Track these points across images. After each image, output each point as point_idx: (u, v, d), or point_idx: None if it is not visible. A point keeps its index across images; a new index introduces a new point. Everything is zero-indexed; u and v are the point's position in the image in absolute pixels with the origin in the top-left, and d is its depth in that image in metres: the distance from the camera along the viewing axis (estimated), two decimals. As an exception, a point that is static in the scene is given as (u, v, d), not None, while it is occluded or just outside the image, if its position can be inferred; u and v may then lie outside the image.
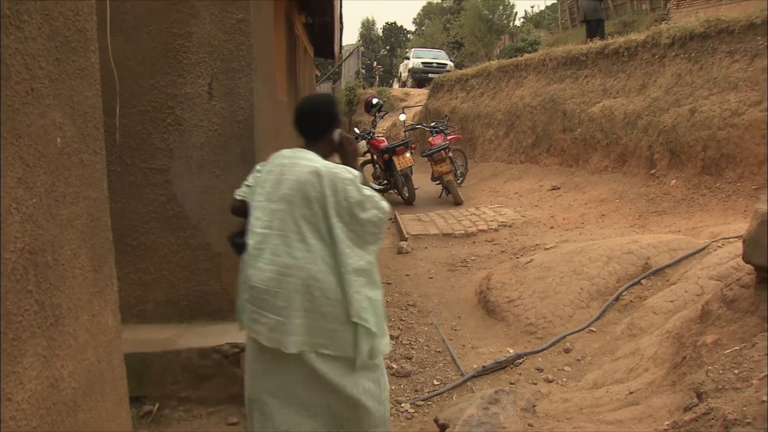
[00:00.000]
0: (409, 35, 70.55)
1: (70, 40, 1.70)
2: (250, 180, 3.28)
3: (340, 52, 19.53)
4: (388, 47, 71.56)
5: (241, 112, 3.98)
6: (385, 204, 3.17)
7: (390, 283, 6.95)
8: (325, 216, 3.04)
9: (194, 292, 4.11)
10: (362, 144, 11.96)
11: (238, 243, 3.23)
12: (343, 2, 9.96)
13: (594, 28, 15.40)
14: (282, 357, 3.02)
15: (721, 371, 3.09)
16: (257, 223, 3.12)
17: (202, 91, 3.95)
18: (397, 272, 7.39)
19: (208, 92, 3.96)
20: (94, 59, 1.87)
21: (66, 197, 1.66)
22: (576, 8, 23.38)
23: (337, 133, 3.30)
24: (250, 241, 3.11)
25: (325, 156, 3.22)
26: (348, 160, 3.33)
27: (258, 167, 3.31)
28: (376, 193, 3.18)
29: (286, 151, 3.26)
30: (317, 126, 3.28)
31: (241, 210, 3.29)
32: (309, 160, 3.13)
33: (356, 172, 3.15)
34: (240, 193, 3.28)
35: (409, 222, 9.38)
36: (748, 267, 3.77)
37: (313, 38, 11.38)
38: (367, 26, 73.09)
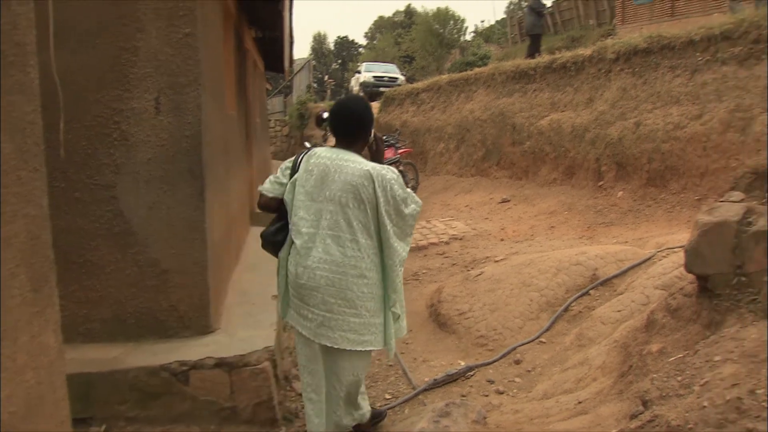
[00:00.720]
0: (360, 49, 70.89)
1: (7, 55, 1.67)
2: (281, 176, 3.52)
3: (291, 66, 19.47)
4: (339, 61, 71.77)
5: (189, 127, 3.95)
6: (418, 198, 3.49)
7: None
8: (376, 215, 3.31)
9: (142, 310, 4.04)
10: (313, 158, 11.94)
11: (276, 241, 3.50)
12: (294, 16, 9.95)
13: (534, 42, 15.79)
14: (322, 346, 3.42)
15: (665, 379, 3.15)
16: (303, 223, 3.36)
17: (149, 106, 3.90)
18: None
19: (155, 107, 3.91)
20: (33, 74, 1.84)
21: (3, 216, 1.63)
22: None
23: (373, 138, 3.54)
24: (297, 240, 3.36)
25: (359, 154, 3.43)
26: (378, 157, 3.58)
27: (287, 164, 3.55)
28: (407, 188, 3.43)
29: (322, 150, 3.46)
30: (359, 128, 3.45)
31: (270, 206, 3.57)
32: (355, 161, 3.33)
33: (396, 171, 3.39)
34: (269, 190, 3.53)
35: (362, 236, 9.38)
36: (691, 276, 3.86)
37: (263, 52, 11.33)
38: (319, 40, 73.21)
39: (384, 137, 12.41)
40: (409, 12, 61.57)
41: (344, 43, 73.37)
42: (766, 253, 3.39)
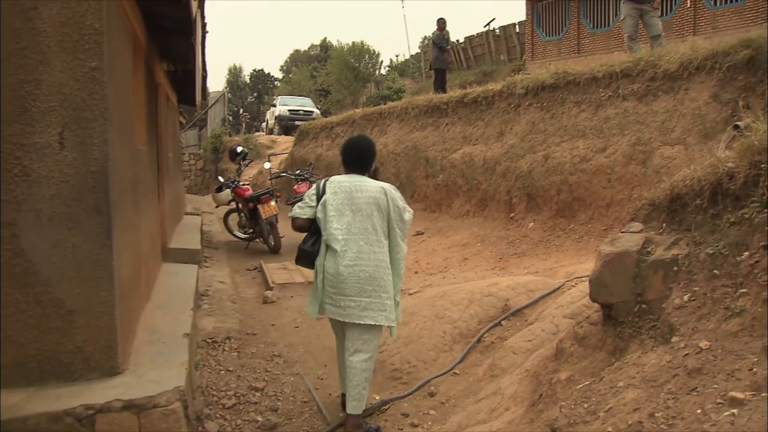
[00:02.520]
0: (276, 82, 70.72)
1: None
2: (309, 201, 4.70)
3: (205, 100, 19.27)
4: (255, 94, 71.43)
5: (95, 163, 3.85)
6: (410, 209, 4.79)
7: (255, 334, 6.85)
8: (388, 220, 4.58)
9: (45, 353, 3.88)
10: (226, 193, 11.84)
11: (313, 251, 4.71)
12: (208, 49, 9.88)
13: (439, 77, 16.11)
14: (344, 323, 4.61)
15: (572, 406, 3.22)
16: (337, 232, 4.52)
17: (53, 141, 3.79)
18: (263, 322, 7.29)
19: (59, 142, 3.81)
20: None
21: None
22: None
23: (375, 165, 4.78)
24: (335, 246, 4.50)
25: (368, 176, 4.71)
26: (376, 178, 4.78)
27: (312, 192, 4.73)
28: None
29: (341, 177, 4.70)
30: (368, 160, 4.73)
31: (305, 227, 4.80)
32: (371, 182, 4.65)
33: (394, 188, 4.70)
34: (303, 214, 4.72)
35: (275, 271, 9.30)
36: (596, 305, 3.97)
37: (176, 85, 11.20)
38: (234, 73, 72.69)
39: (298, 171, 12.43)
40: (325, 46, 61.97)
41: (260, 76, 73.10)
42: (664, 281, 3.53)
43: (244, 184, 12.18)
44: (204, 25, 9.06)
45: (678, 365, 3.06)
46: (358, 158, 4.70)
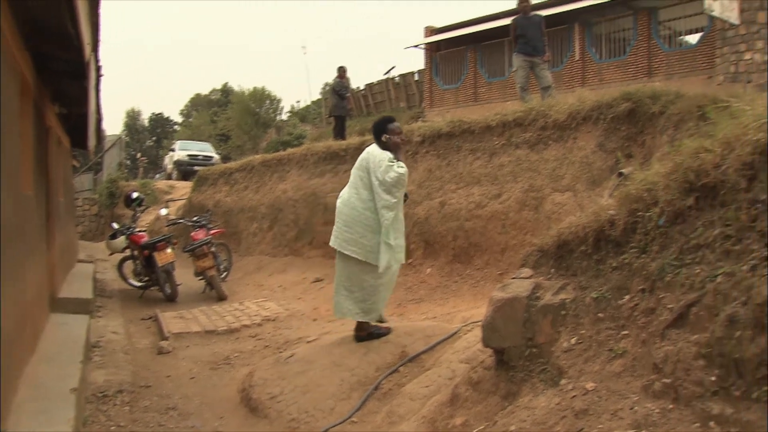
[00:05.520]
0: (176, 126, 69.60)
1: None
2: None
3: (100, 143, 18.79)
4: (154, 138, 70.05)
5: (-27, 211, 3.68)
6: (401, 169, 5.82)
7: (149, 386, 6.60)
8: (369, 176, 5.89)
9: None
10: (121, 239, 11.50)
11: None
12: (103, 91, 9.63)
13: (338, 123, 16.26)
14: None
15: (466, 453, 3.24)
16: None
17: (-73, 188, 3.61)
18: (157, 374, 7.05)
19: (-66, 189, 3.63)
20: None
21: None
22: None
23: (384, 137, 6.01)
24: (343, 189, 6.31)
25: (384, 149, 5.98)
26: (391, 150, 5.96)
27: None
28: (401, 163, 5.87)
29: (368, 146, 6.21)
30: (377, 134, 6.09)
31: None
32: (372, 148, 6.06)
33: (390, 155, 5.88)
34: None
35: (171, 320, 9.05)
36: (490, 350, 4.03)
37: (69, 129, 10.87)
38: (133, 116, 71.09)
39: (195, 218, 12.22)
40: (226, 90, 61.54)
41: (159, 120, 71.77)
42: (553, 325, 3.62)
43: (139, 231, 11.87)
44: (99, 68, 8.84)
45: (566, 407, 3.13)
46: (373, 133, 6.18)
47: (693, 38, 21.54)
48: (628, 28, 21.93)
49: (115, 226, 12.16)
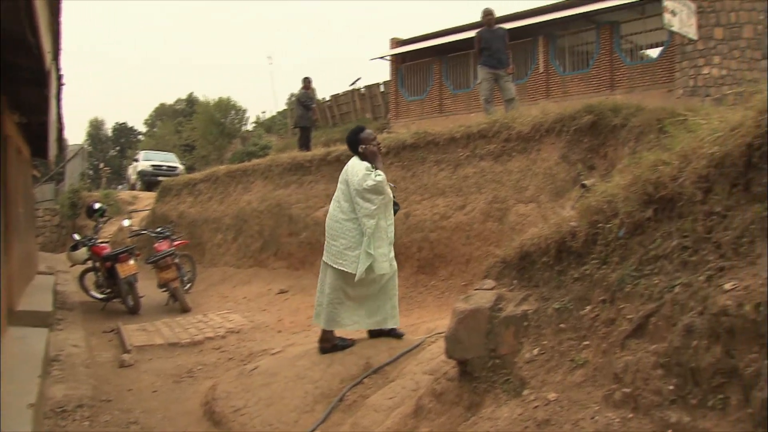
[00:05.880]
0: (140, 136, 68.88)
1: None
2: None
3: (62, 153, 18.54)
4: (118, 148, 69.25)
5: (-73, 222, 3.61)
6: (378, 177, 5.82)
7: (110, 401, 6.50)
8: (349, 188, 5.96)
9: None
10: (82, 251, 11.33)
11: None
12: (65, 100, 9.49)
13: (304, 135, 16.23)
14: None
15: (430, 464, 3.24)
16: None
17: None
18: (119, 387, 6.95)
19: None
20: None
21: None
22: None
23: (361, 148, 6.07)
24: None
25: (363, 159, 6.02)
26: (369, 160, 6.01)
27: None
28: (378, 172, 5.88)
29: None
30: (352, 147, 6.19)
31: None
32: (352, 161, 6.11)
33: (368, 165, 5.93)
34: None
35: (134, 332, 8.94)
36: (453, 361, 4.05)
37: (29, 138, 10.71)
38: (96, 126, 70.17)
39: (158, 229, 12.10)
40: (191, 100, 61.07)
41: (123, 130, 70.90)
42: (515, 336, 3.65)
43: (101, 242, 11.70)
44: (60, 77, 8.73)
45: (528, 417, 3.15)
46: (349, 147, 6.32)
47: (654, 52, 21.92)
48: (591, 41, 22.25)
49: (77, 237, 11.99)
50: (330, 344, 6.19)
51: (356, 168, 5.97)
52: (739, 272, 2.54)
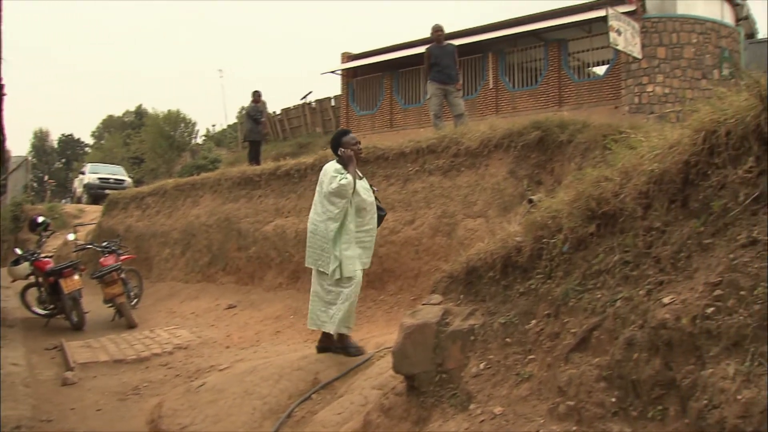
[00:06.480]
0: (87, 148, 67.80)
1: None
2: None
3: (4, 165, 18.12)
4: (63, 160, 68.03)
5: None
6: (343, 180, 5.85)
7: (51, 421, 6.33)
8: (321, 190, 6.05)
9: None
10: (24, 266, 11.06)
11: None
12: (7, 111, 9.28)
13: (253, 148, 16.15)
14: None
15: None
16: None
17: None
18: (60, 407, 6.77)
19: None
20: None
21: None
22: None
23: (340, 151, 6.13)
24: None
25: (340, 163, 6.09)
26: (345, 164, 6.05)
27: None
28: (346, 176, 5.90)
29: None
30: (333, 149, 6.27)
31: None
32: (326, 165, 6.18)
33: (340, 168, 6.00)
34: None
35: (78, 349, 8.74)
36: (401, 376, 4.05)
37: (-31, 150, 10.47)
38: (40, 137, 68.84)
39: (104, 243, 11.89)
40: (140, 113, 60.33)
41: (69, 142, 69.75)
42: (462, 351, 3.67)
43: (45, 257, 11.46)
44: (1, 87, 8.58)
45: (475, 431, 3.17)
46: (331, 148, 6.41)
47: (601, 70, 22.35)
48: (540, 58, 22.59)
49: (18, 251, 11.71)
50: (341, 345, 6.38)
51: (328, 170, 6.05)
52: (677, 286, 2.60)
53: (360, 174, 6.38)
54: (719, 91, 3.01)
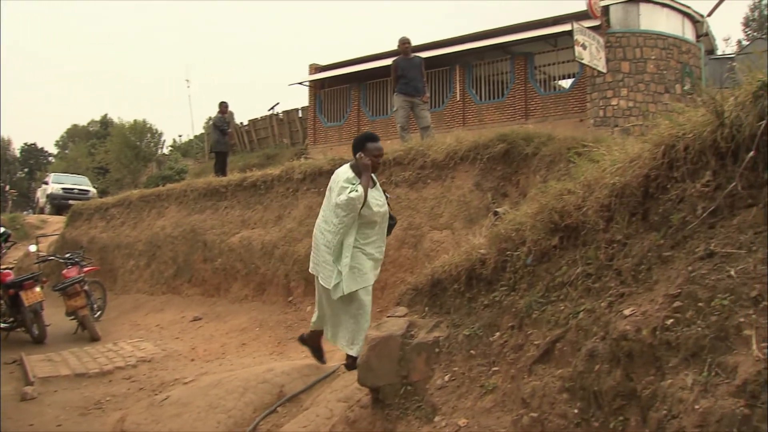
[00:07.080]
0: (50, 158, 66.89)
1: None
2: None
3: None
4: (26, 170, 67.04)
5: None
6: (353, 193, 5.31)
7: (8, 437, 6.23)
8: (330, 196, 5.56)
9: None
10: (-17, 279, 10.85)
11: None
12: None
13: (220, 159, 16.07)
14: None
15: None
16: None
17: None
18: (19, 423, 6.63)
19: None
20: None
21: None
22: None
23: (358, 155, 5.60)
24: None
25: (356, 170, 5.58)
26: (358, 172, 5.55)
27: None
28: (357, 188, 5.36)
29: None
30: (354, 150, 5.69)
31: None
32: (339, 168, 5.71)
33: (353, 176, 5.49)
34: None
35: (38, 363, 8.58)
36: (366, 388, 4.04)
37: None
38: (2, 146, 67.77)
39: (67, 255, 11.72)
40: (105, 122, 59.71)
41: (32, 151, 68.77)
42: (427, 363, 3.67)
43: (5, 268, 11.24)
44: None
45: (440, 444, 3.17)
46: (352, 147, 5.80)
47: (566, 83, 22.63)
48: (507, 71, 22.78)
49: (-21, 264, 11.50)
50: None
51: (339, 178, 5.47)
52: (638, 298, 2.63)
53: (375, 179, 5.81)
54: (678, 106, 3.06)
